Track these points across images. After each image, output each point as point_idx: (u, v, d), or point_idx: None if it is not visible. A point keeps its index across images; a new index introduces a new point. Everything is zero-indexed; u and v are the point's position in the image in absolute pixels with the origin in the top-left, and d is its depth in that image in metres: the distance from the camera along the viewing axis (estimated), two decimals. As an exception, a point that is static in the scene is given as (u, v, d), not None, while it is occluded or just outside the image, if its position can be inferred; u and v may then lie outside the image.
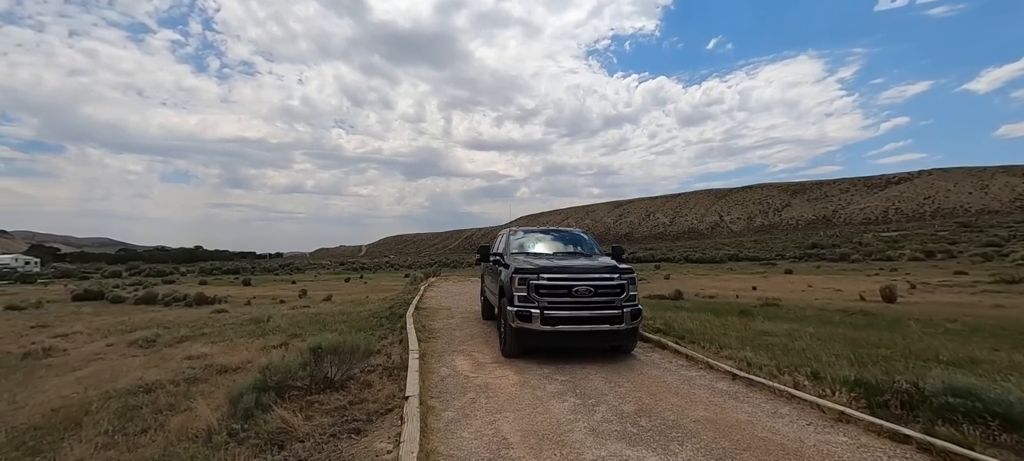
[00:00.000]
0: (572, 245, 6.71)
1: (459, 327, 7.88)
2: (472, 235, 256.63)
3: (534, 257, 5.87)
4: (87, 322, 11.33)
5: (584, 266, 5.22)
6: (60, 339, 8.86)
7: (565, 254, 6.31)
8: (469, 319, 8.84)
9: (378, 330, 7.95)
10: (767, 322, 9.45)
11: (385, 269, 52.72)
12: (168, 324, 10.46)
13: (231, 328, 9.55)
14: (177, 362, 6.57)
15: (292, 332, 8.63)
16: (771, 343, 6.87)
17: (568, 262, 5.45)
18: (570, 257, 6.06)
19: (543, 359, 5.18)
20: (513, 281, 5.07)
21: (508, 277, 5.27)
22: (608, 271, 5.10)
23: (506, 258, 6.12)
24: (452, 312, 10.06)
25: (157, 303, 16.56)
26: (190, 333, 8.88)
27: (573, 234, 7.02)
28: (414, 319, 8.72)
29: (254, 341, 7.98)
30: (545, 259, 5.66)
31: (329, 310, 12.54)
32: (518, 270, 5.09)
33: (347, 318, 10.32)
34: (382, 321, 9.25)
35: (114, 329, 9.92)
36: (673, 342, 5.88)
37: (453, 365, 5.08)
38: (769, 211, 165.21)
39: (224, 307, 14.02)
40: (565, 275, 4.97)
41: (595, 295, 4.91)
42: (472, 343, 6.34)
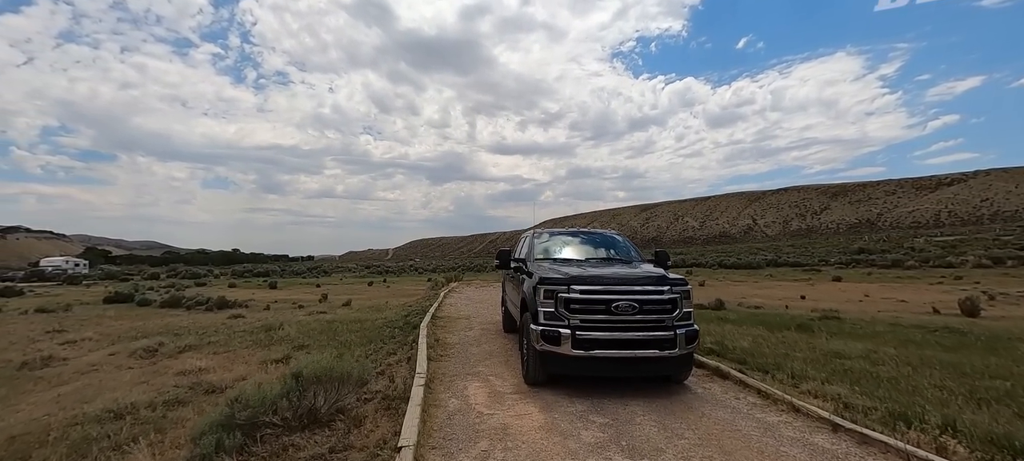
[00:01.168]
0: (605, 249, 5.73)
1: (477, 341, 7.03)
2: (496, 239, 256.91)
3: (562, 264, 4.95)
4: (104, 327, 11.15)
5: (625, 276, 4.28)
6: (67, 346, 8.57)
7: (599, 261, 5.36)
8: (488, 332, 7.99)
9: (388, 343, 7.21)
10: (833, 339, 8.15)
11: (409, 273, 52.76)
12: (179, 331, 10.09)
13: (240, 336, 9.05)
14: (168, 377, 6.01)
15: (299, 343, 8.01)
16: (849, 368, 5.67)
17: (604, 271, 4.51)
18: (605, 264, 5.10)
19: (575, 389, 4.25)
20: (538, 293, 4.18)
21: (532, 288, 4.38)
22: (656, 282, 4.14)
23: (529, 265, 5.22)
24: (470, 322, 9.24)
25: (181, 307, 16.53)
26: (196, 342, 8.41)
27: (606, 237, 6.05)
28: (429, 331, 7.93)
29: (257, 352, 7.38)
30: (576, 267, 4.74)
31: (345, 317, 11.98)
32: (544, 280, 4.19)
33: (360, 327, 9.68)
34: (395, 332, 8.53)
35: (124, 335, 9.61)
36: (736, 369, 4.81)
37: (465, 395, 4.22)
38: (807, 214, 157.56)
39: (242, 313, 13.73)
40: (602, 287, 4.05)
41: (640, 312, 3.96)
42: (490, 363, 5.47)
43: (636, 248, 5.79)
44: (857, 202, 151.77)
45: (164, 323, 11.75)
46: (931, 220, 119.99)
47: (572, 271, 4.35)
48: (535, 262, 5.16)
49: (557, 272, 4.36)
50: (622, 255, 5.60)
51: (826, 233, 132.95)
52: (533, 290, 4.30)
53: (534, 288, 4.27)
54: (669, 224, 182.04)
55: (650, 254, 5.69)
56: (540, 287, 4.16)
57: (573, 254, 5.56)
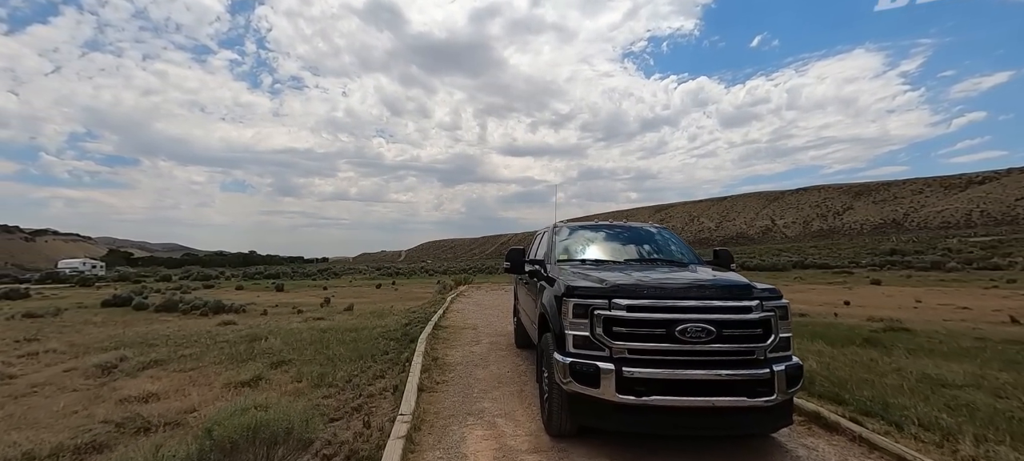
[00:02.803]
0: (646, 248, 4.45)
1: (483, 361, 5.82)
2: (508, 240, 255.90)
3: (595, 268, 3.71)
4: (80, 335, 10.27)
5: (691, 284, 3.02)
6: (25, 359, 7.63)
7: (641, 263, 4.10)
8: (498, 346, 6.77)
9: (378, 362, 6.05)
10: (915, 358, 6.73)
11: (420, 274, 51.89)
12: (156, 340, 9.11)
13: (217, 348, 8.01)
14: (108, 406, 4.94)
15: (280, 358, 6.91)
16: (967, 404, 4.31)
17: (660, 276, 3.26)
18: (651, 267, 3.84)
19: (619, 445, 3.01)
20: (564, 309, 2.96)
21: (554, 301, 3.16)
22: (738, 295, 2.88)
23: (549, 269, 3.98)
24: (477, 334, 8.04)
25: (176, 311, 15.70)
26: (165, 356, 7.38)
27: (646, 232, 4.76)
28: (428, 345, 6.75)
29: (227, 371, 6.29)
30: (616, 271, 3.49)
31: (342, 324, 10.90)
32: (572, 291, 2.97)
33: (354, 337, 8.56)
34: (390, 344, 7.38)
35: (95, 346, 8.66)
36: (847, 419, 3.43)
37: (461, 453, 3.01)
38: (828, 214, 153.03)
39: (234, 319, 12.76)
40: (661, 301, 2.80)
41: (718, 339, 2.71)
42: (499, 396, 4.26)
43: (688, 246, 4.48)
44: (881, 202, 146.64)
45: (147, 330, 10.82)
46: (962, 220, 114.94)
47: (613, 277, 3.11)
48: (557, 265, 3.93)
49: (591, 279, 3.13)
50: (669, 255, 4.31)
51: (849, 234, 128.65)
52: (557, 303, 3.08)
53: (558, 301, 3.05)
54: (684, 225, 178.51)
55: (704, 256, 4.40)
56: (567, 300, 2.93)
57: (605, 254, 4.29)
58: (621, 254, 4.30)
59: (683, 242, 4.56)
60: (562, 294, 2.99)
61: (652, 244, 4.49)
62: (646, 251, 4.37)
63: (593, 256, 4.24)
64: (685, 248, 4.44)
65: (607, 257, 4.22)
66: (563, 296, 2.97)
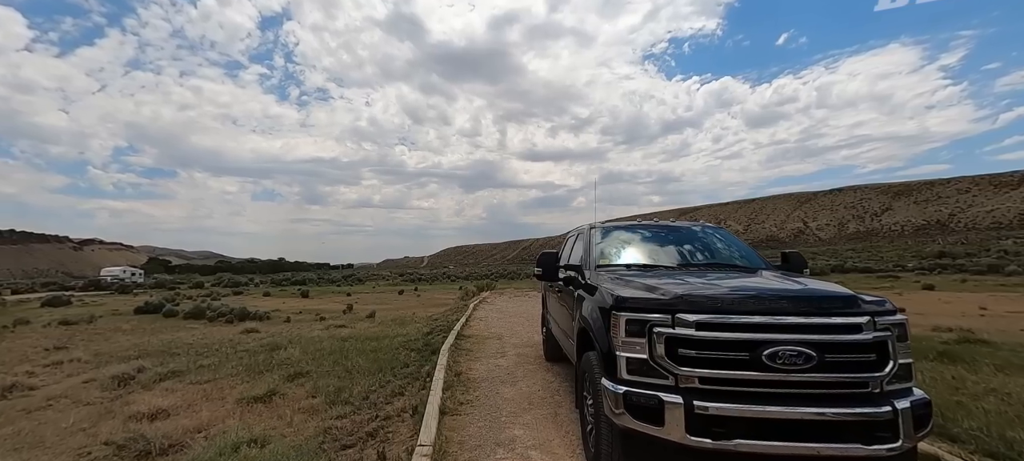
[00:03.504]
0: (700, 250, 3.86)
1: (510, 376, 5.32)
2: (530, 245, 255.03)
3: (644, 274, 3.16)
4: (106, 344, 10.32)
5: (776, 293, 2.44)
6: (50, 369, 7.61)
7: (698, 269, 3.51)
8: (525, 359, 6.26)
9: (397, 377, 5.64)
10: (1004, 375, 5.85)
11: (442, 280, 51.88)
12: (179, 349, 9.02)
13: (237, 358, 7.80)
14: (117, 422, 4.69)
15: (298, 369, 6.60)
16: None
17: (733, 284, 2.70)
18: (713, 273, 3.26)
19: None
20: (614, 325, 2.42)
21: (600, 314, 2.64)
22: (840, 308, 2.28)
23: (588, 275, 3.46)
24: (503, 344, 7.55)
25: (203, 318, 15.85)
26: (184, 366, 7.20)
27: (696, 231, 4.16)
28: (450, 357, 6.30)
29: (243, 384, 6.01)
30: (674, 278, 2.92)
31: (363, 332, 10.61)
32: (623, 303, 2.43)
33: (375, 347, 8.22)
34: (411, 356, 6.97)
35: (118, 355, 8.62)
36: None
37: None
38: (865, 216, 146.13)
39: (257, 327, 12.70)
40: (742, 316, 2.24)
41: (820, 367, 2.12)
42: (530, 421, 3.75)
43: (750, 248, 3.86)
44: (924, 202, 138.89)
45: (172, 338, 10.80)
46: (1015, 220, 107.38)
47: (671, 285, 2.57)
48: (597, 271, 3.41)
49: (644, 288, 2.60)
50: (728, 259, 3.70)
51: (889, 235, 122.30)
52: (603, 317, 2.56)
53: (605, 315, 2.53)
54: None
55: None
56: (618, 315, 2.40)
57: (653, 258, 3.71)
58: (671, 258, 3.71)
59: (744, 244, 3.95)
60: (610, 306, 2.47)
61: (707, 246, 3.89)
62: (701, 254, 3.77)
63: (639, 260, 3.67)
64: (747, 250, 3.82)
65: (655, 261, 3.64)
66: (612, 309, 2.45)
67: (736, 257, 3.69)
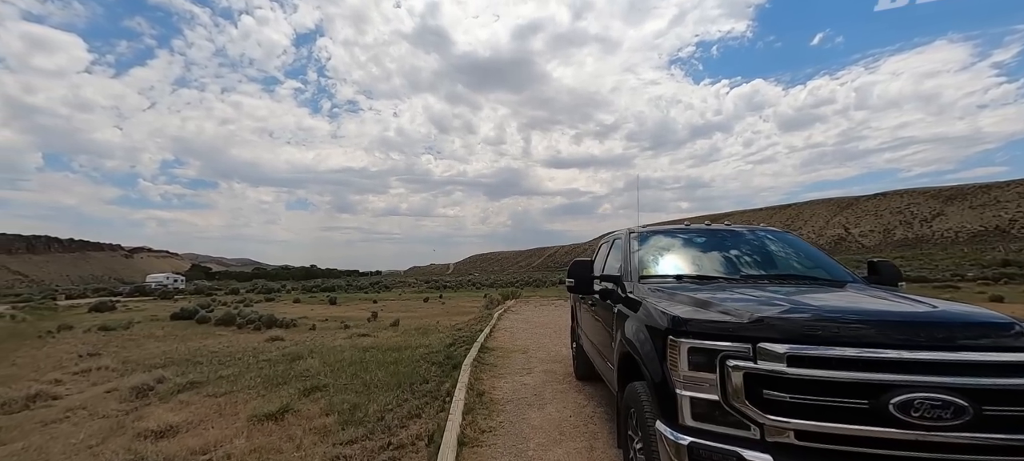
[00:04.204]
0: (768, 259, 3.21)
1: (538, 396, 4.83)
2: (555, 253, 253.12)
3: (702, 287, 2.63)
4: (137, 351, 10.46)
5: (901, 316, 1.83)
6: (78, 377, 7.67)
7: (771, 281, 2.89)
8: (554, 376, 5.75)
9: (416, 395, 5.25)
10: None
11: (467, 288, 51.79)
12: (202, 358, 8.99)
13: (257, 369, 7.64)
14: (124, 439, 4.50)
15: (315, 382, 6.33)
16: None
17: (828, 302, 2.10)
18: (791, 287, 2.66)
19: None
20: (672, 354, 1.91)
21: (649, 338, 2.12)
22: (1000, 339, 1.66)
23: (629, 287, 2.94)
24: (528, 358, 7.07)
25: (233, 325, 16.11)
26: (203, 377, 7.07)
27: (759, 236, 3.51)
28: (472, 373, 5.87)
29: (258, 398, 5.76)
30: (745, 294, 2.34)
31: (386, 341, 10.35)
32: (683, 325, 1.91)
33: (396, 358, 7.90)
34: (431, 370, 6.59)
35: (145, 363, 8.65)
36: None
37: None
38: (913, 221, 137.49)
39: (282, 334, 12.70)
40: (856, 347, 1.65)
41: (975, 423, 1.51)
42: (562, 455, 3.25)
43: (829, 257, 3.22)
44: (980, 207, 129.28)
45: (199, 346, 10.86)
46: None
47: (743, 304, 2.03)
48: (641, 283, 2.89)
49: (706, 306, 2.08)
50: (804, 270, 3.06)
51: (941, 243, 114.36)
52: (655, 342, 2.06)
53: (657, 339, 2.03)
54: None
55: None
56: (677, 342, 1.89)
57: (709, 269, 3.12)
58: (731, 268, 3.11)
59: (819, 250, 3.32)
60: (666, 329, 1.96)
61: (773, 254, 3.25)
62: (767, 264, 3.14)
63: (691, 270, 3.11)
64: (826, 259, 3.19)
65: (712, 272, 3.06)
66: (668, 333, 1.94)
67: (813, 267, 3.07)
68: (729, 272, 3.01)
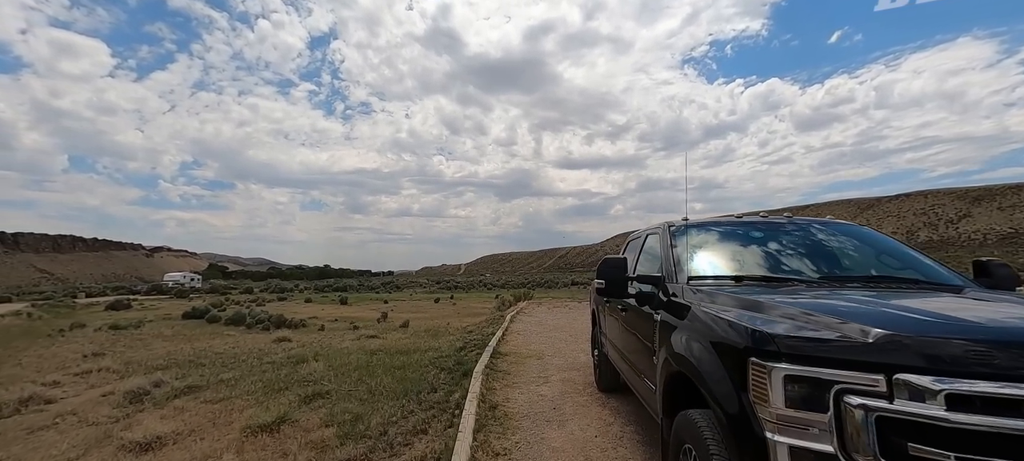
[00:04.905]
0: (853, 262, 2.62)
1: (556, 410, 4.36)
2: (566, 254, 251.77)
3: (781, 292, 2.06)
4: (142, 351, 10.26)
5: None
6: (76, 379, 7.41)
7: (866, 285, 2.32)
8: (573, 386, 5.27)
9: (421, 407, 4.81)
10: None
11: (478, 288, 51.45)
12: (205, 359, 8.71)
13: (259, 372, 7.31)
14: (107, 452, 4.15)
15: (317, 389, 5.96)
16: None
17: (975, 314, 1.51)
18: (903, 294, 2.04)
19: None
20: (760, 383, 1.37)
21: (714, 356, 1.63)
22: None
23: (674, 290, 2.43)
24: (544, 365, 6.59)
25: (242, 325, 15.93)
26: (203, 381, 6.75)
27: (833, 231, 2.90)
28: (484, 382, 5.42)
29: (256, 405, 5.40)
30: (846, 299, 1.80)
31: (394, 344, 9.97)
32: (776, 344, 1.37)
33: (404, 362, 7.51)
34: (440, 377, 6.16)
35: (147, 364, 8.39)
36: None
37: None
38: (939, 223, 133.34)
39: (289, 335, 12.41)
40: None
41: None
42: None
43: (925, 257, 2.64)
44: (1010, 208, 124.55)
45: (205, 347, 10.62)
46: None
47: (847, 311, 1.51)
48: (691, 286, 2.37)
49: (794, 318, 1.55)
50: (911, 274, 2.46)
51: (969, 245, 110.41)
52: (724, 363, 1.58)
53: (730, 359, 1.55)
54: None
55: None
56: (765, 366, 1.37)
57: (778, 269, 2.54)
58: (806, 267, 2.52)
59: (908, 247, 2.76)
60: (747, 347, 1.46)
61: (854, 252, 2.67)
62: (852, 262, 2.57)
63: (754, 270, 2.54)
64: (921, 258, 2.61)
65: (782, 272, 2.47)
66: (750, 351, 1.44)
67: (904, 268, 2.51)
68: (802, 272, 2.45)
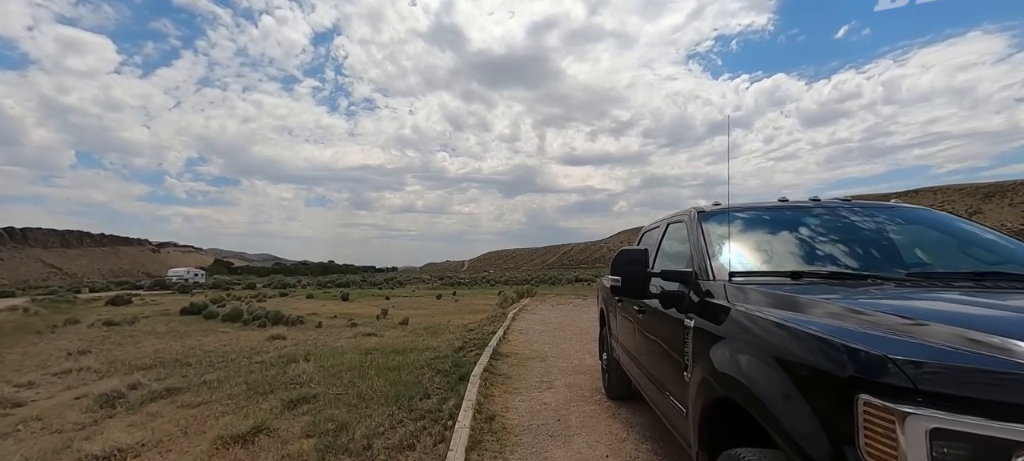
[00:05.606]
0: (936, 254, 2.16)
1: (561, 422, 3.89)
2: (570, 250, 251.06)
3: (857, 294, 1.52)
4: (128, 349, 9.91)
5: None
6: (54, 379, 7.05)
7: (960, 281, 1.78)
8: (579, 392, 4.80)
9: (415, 412, 4.37)
10: None
11: (481, 284, 51.09)
12: (192, 359, 8.33)
13: (245, 373, 6.91)
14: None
15: (303, 392, 5.54)
16: None
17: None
18: (997, 292, 1.55)
19: None
20: (893, 442, 0.87)
21: (781, 377, 1.14)
22: None
23: (710, 288, 1.93)
24: (548, 368, 6.13)
25: (239, 321, 15.60)
26: (185, 382, 6.36)
27: (903, 217, 2.44)
28: (482, 388, 4.97)
29: (235, 412, 4.98)
30: (972, 303, 1.29)
31: (391, 343, 9.55)
32: (925, 380, 0.87)
33: (399, 363, 7.08)
34: (435, 380, 5.72)
35: (130, 364, 8.02)
36: None
37: None
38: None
39: (284, 332, 12.03)
40: None
41: None
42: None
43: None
44: (1021, 204, 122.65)
45: (195, 345, 10.26)
46: None
47: (997, 320, 1.01)
48: (737, 285, 1.84)
49: (954, 338, 0.97)
50: (995, 264, 2.02)
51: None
52: (797, 386, 1.11)
53: (815, 385, 1.09)
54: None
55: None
56: (902, 414, 0.86)
57: (844, 262, 2.03)
58: (885, 261, 2.01)
59: (999, 233, 2.26)
60: (852, 377, 0.98)
61: (936, 241, 2.20)
62: (938, 254, 2.10)
63: (817, 265, 2.00)
64: (1020, 246, 2.14)
65: (853, 267, 1.96)
66: (860, 385, 0.97)
67: (1006, 261, 2.02)
68: (881, 267, 1.93)
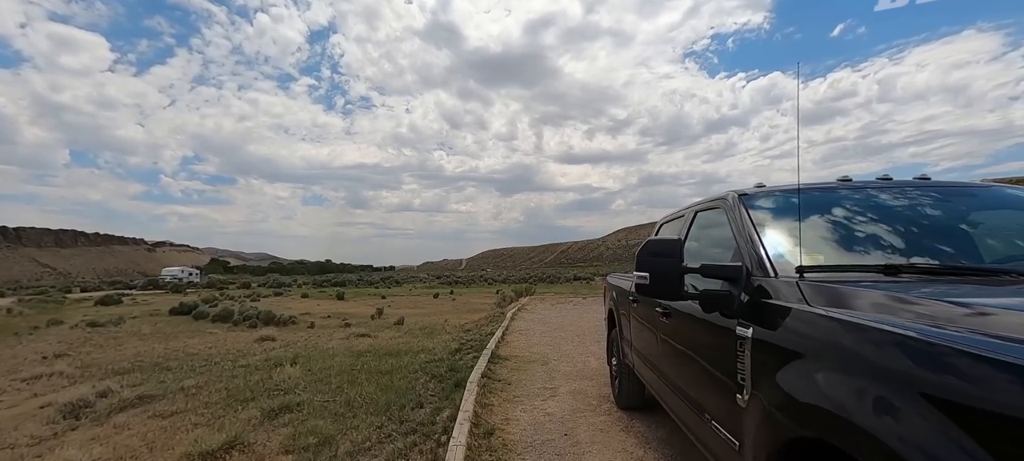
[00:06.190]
0: (1016, 242, 1.74)
1: (568, 438, 3.48)
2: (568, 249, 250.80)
3: (981, 294, 1.17)
4: (115, 350, 9.44)
5: None
6: (23, 385, 6.62)
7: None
8: (586, 401, 4.39)
9: (405, 423, 3.96)
10: None
11: (479, 283, 50.65)
12: (174, 362, 7.88)
13: (227, 378, 6.48)
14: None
15: (286, 400, 5.12)
16: None
17: None
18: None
19: None
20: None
21: (936, 419, 0.76)
22: None
23: (769, 289, 1.48)
24: (551, 373, 5.72)
25: (229, 322, 15.12)
26: (161, 389, 5.92)
27: (993, 196, 2.08)
28: (480, 394, 4.56)
29: (210, 423, 4.55)
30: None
31: (385, 344, 9.14)
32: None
33: (392, 367, 6.67)
34: (429, 386, 5.32)
35: (105, 368, 7.56)
36: None
37: None
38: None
39: (273, 334, 11.56)
40: None
41: None
42: None
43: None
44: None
45: (178, 346, 9.80)
46: None
47: None
48: (813, 283, 1.38)
49: None
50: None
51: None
52: (974, 441, 0.71)
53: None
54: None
55: None
56: None
57: (951, 254, 1.61)
58: (1000, 253, 1.67)
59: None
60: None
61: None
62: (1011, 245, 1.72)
63: (917, 258, 1.60)
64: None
65: (964, 261, 1.60)
66: None
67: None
68: (1005, 260, 1.57)
